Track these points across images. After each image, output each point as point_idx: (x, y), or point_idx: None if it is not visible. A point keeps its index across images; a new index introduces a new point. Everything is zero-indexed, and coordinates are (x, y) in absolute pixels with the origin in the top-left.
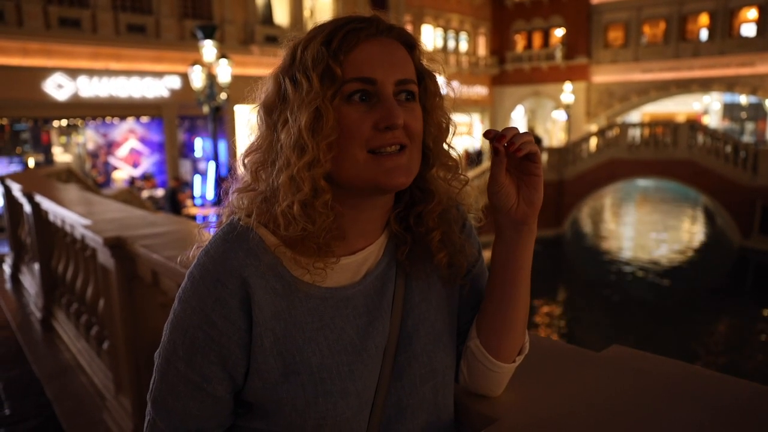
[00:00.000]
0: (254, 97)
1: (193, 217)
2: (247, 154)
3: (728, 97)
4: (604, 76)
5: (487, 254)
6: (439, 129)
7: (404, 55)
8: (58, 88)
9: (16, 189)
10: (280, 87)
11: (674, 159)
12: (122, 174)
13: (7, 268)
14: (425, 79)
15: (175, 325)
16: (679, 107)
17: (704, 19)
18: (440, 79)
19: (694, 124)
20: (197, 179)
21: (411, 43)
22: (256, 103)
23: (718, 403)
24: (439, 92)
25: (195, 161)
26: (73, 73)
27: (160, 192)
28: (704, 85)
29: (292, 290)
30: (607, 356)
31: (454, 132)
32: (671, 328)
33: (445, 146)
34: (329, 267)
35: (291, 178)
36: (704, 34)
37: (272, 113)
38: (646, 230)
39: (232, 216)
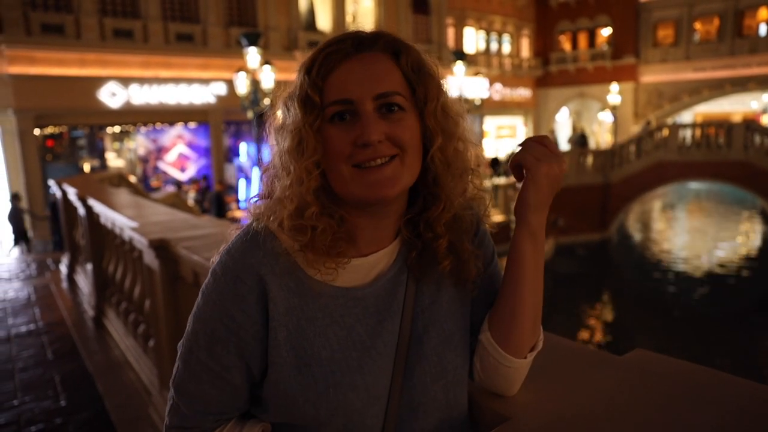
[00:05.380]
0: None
1: (238, 220)
2: (264, 169)
3: None
4: (653, 75)
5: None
6: (439, 134)
7: (387, 67)
8: (111, 96)
9: (72, 193)
10: (283, 113)
11: (728, 160)
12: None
13: (63, 268)
14: (417, 86)
15: (198, 317)
16: (734, 107)
17: (763, 13)
18: (483, 81)
19: (750, 124)
20: (242, 183)
21: (398, 51)
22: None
23: (741, 409)
24: (437, 96)
25: (240, 165)
26: (125, 81)
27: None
28: (763, 83)
29: (305, 288)
30: (627, 360)
31: (460, 135)
32: (722, 337)
33: (454, 150)
34: (340, 267)
35: (281, 197)
36: (763, 29)
37: (278, 135)
38: (698, 235)
39: (252, 220)
